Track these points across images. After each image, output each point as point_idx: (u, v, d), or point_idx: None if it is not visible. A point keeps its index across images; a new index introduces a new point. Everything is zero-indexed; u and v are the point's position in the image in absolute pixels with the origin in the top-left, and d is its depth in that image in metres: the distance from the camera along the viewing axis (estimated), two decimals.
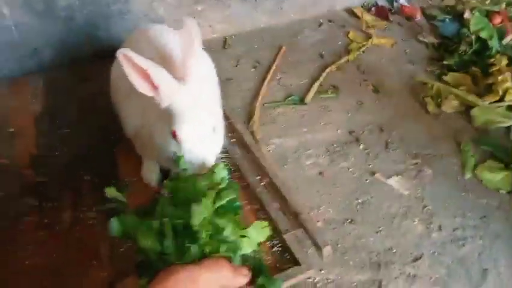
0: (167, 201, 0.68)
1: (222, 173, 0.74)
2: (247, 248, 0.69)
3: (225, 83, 1.41)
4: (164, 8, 1.45)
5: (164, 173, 1.03)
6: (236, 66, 1.52)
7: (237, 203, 0.71)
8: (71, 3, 1.28)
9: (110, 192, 0.73)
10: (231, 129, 1.20)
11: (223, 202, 0.69)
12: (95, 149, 1.13)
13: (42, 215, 0.98)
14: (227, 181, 0.74)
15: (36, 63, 1.36)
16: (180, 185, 0.70)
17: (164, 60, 0.88)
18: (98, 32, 1.40)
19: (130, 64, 0.73)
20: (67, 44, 1.38)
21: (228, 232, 0.67)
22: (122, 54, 0.72)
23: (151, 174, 1.05)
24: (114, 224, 0.66)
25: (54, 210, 0.99)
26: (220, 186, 0.72)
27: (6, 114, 1.22)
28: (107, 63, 1.34)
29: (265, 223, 0.71)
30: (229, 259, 0.65)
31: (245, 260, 0.86)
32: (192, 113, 0.78)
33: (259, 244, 0.71)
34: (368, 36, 1.71)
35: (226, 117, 1.20)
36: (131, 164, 1.10)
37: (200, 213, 0.64)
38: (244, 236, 0.69)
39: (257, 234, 0.70)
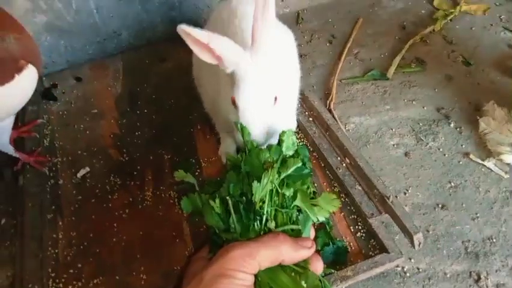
0: (233, 177, 0.66)
1: (290, 140, 0.70)
2: (319, 215, 0.65)
3: (299, 59, 1.34)
4: None
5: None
6: (310, 41, 1.45)
7: (306, 171, 0.67)
8: None
9: (179, 175, 0.74)
10: (308, 107, 1.15)
11: (290, 172, 0.65)
12: (174, 128, 1.14)
13: (126, 193, 1.01)
14: (296, 147, 0.71)
15: (115, 46, 1.39)
16: (245, 158, 0.68)
17: (243, 30, 0.85)
18: (172, 12, 1.40)
19: (191, 38, 0.71)
20: (142, 25, 1.39)
21: (296, 202, 0.64)
22: (181, 29, 0.70)
23: (227, 152, 1.04)
24: (184, 203, 0.68)
25: (137, 189, 1.01)
26: (289, 153, 0.69)
27: (90, 96, 1.27)
28: (181, 42, 1.36)
29: (334, 195, 0.67)
30: (297, 231, 0.62)
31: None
32: (253, 80, 0.75)
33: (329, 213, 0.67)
34: (456, 3, 1.54)
35: (302, 95, 1.15)
36: (209, 143, 1.09)
37: (261, 189, 0.61)
38: (315, 205, 0.65)
39: (327, 204, 0.66)
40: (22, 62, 0.87)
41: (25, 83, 0.89)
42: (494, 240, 0.91)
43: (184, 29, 0.70)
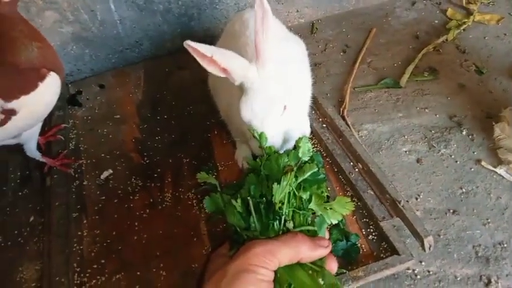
0: (253, 179, 0.70)
1: (306, 146, 0.74)
2: (332, 218, 0.69)
3: (314, 68, 1.39)
4: None
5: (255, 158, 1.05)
6: (324, 50, 1.49)
7: (321, 176, 0.71)
8: None
9: (201, 177, 0.78)
10: (321, 113, 1.18)
11: (306, 176, 0.69)
12: (192, 133, 1.19)
13: (147, 195, 1.06)
14: (311, 153, 0.74)
15: (137, 55, 1.46)
16: (264, 162, 0.72)
17: (253, 41, 0.89)
18: (191, 22, 1.46)
19: (197, 52, 0.75)
20: (163, 36, 1.46)
21: (312, 205, 0.67)
22: (187, 44, 0.74)
23: (243, 158, 1.08)
24: (207, 202, 0.74)
25: (157, 191, 1.06)
26: (305, 159, 0.73)
27: (113, 102, 1.33)
28: None
29: (348, 198, 0.70)
30: (313, 232, 0.65)
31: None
32: (260, 91, 0.77)
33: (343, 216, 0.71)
34: (469, 13, 1.56)
35: (316, 102, 1.19)
36: (226, 148, 1.14)
37: (281, 191, 0.65)
38: (329, 208, 0.69)
39: (341, 207, 0.70)
40: (44, 70, 0.92)
41: (49, 91, 0.94)
42: (505, 245, 0.92)
43: (189, 44, 0.73)
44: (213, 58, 0.75)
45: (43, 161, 1.09)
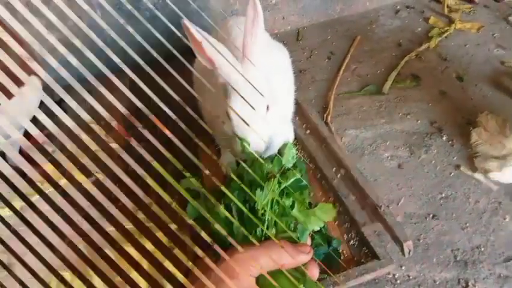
0: (237, 185, 0.71)
1: (291, 153, 0.75)
2: (314, 225, 0.70)
3: (299, 74, 1.42)
4: (239, 3, 1.49)
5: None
6: (309, 57, 1.51)
7: (303, 183, 0.72)
8: (155, 2, 1.36)
9: (184, 183, 0.78)
10: (305, 120, 1.20)
11: (289, 183, 0.70)
12: (178, 139, 1.19)
13: (132, 200, 1.06)
14: (295, 160, 0.75)
15: (123, 62, 1.46)
16: (247, 168, 0.72)
17: (235, 48, 0.90)
18: (179, 30, 1.46)
19: (190, 34, 0.76)
20: (149, 42, 1.46)
21: (294, 212, 0.69)
22: (184, 24, 0.75)
23: (228, 164, 1.09)
24: (190, 209, 0.73)
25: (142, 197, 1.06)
26: (288, 165, 0.74)
27: (99, 110, 1.33)
28: (186, 60, 1.43)
29: (331, 205, 0.72)
30: (296, 239, 0.67)
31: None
32: (244, 91, 0.78)
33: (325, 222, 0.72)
34: (451, 21, 1.60)
35: (300, 108, 1.21)
36: (210, 154, 1.14)
37: (263, 198, 0.66)
38: (311, 215, 0.70)
39: (323, 214, 0.71)
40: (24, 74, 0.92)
41: (30, 95, 0.92)
42: (483, 249, 0.94)
43: (186, 24, 0.75)
44: (202, 44, 0.76)
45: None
